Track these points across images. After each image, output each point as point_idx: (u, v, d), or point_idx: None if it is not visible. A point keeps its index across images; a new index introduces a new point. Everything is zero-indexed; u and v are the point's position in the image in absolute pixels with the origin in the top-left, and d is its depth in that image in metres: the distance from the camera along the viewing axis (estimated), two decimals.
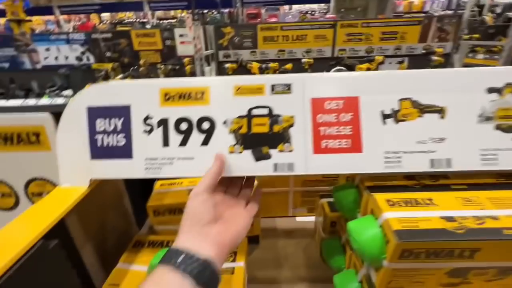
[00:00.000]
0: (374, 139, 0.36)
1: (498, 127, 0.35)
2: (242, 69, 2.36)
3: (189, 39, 2.18)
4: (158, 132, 0.38)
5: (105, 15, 6.93)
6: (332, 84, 0.37)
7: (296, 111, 0.37)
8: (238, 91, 0.37)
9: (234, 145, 0.37)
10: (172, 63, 2.33)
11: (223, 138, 0.37)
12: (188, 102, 0.37)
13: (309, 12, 6.68)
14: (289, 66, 2.37)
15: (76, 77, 2.33)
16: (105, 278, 0.43)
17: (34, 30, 3.36)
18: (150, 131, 0.38)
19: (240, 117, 0.37)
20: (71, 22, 6.71)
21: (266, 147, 0.36)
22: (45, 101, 2.11)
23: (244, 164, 0.37)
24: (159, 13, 6.64)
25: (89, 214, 0.45)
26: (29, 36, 2.44)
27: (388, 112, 0.36)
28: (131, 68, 2.31)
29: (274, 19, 2.80)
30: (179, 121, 0.37)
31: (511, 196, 0.32)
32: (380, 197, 0.33)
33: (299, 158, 0.36)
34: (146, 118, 0.38)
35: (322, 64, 2.44)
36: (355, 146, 0.36)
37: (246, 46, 2.48)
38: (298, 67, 2.40)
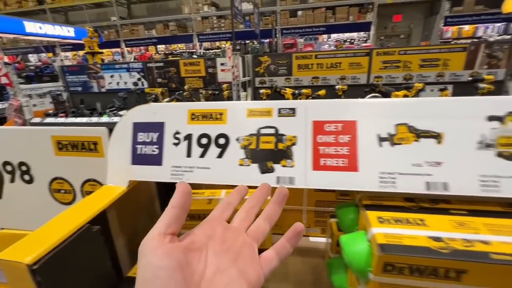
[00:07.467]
0: (369, 160, 0.39)
1: (500, 155, 0.36)
2: (276, 94, 2.48)
3: (228, 67, 2.39)
4: (184, 145, 0.46)
5: (161, 47, 8.00)
6: (332, 109, 0.41)
7: (299, 131, 0.42)
8: (250, 114, 0.44)
9: (244, 158, 0.43)
10: (213, 89, 2.56)
11: (235, 152, 0.43)
12: (209, 121, 0.45)
13: (348, 40, 6.76)
14: (322, 92, 2.41)
15: (132, 99, 2.70)
16: (131, 267, 0.50)
17: (104, 60, 3.99)
18: (177, 144, 0.46)
19: (250, 135, 0.43)
20: (133, 53, 7.93)
21: (271, 162, 0.42)
22: (104, 119, 2.47)
23: (251, 175, 0.42)
24: (205, 44, 7.47)
25: (125, 211, 0.54)
26: (99, 65, 2.94)
27: (384, 135, 0.39)
28: (177, 93, 2.59)
29: (309, 48, 2.92)
30: (200, 137, 0.45)
31: (510, 224, 0.32)
32: (372, 214, 0.36)
33: (300, 173, 0.40)
34: (176, 133, 0.46)
35: (356, 91, 2.44)
36: (352, 165, 0.39)
37: (281, 73, 2.63)
38: (332, 93, 2.44)
